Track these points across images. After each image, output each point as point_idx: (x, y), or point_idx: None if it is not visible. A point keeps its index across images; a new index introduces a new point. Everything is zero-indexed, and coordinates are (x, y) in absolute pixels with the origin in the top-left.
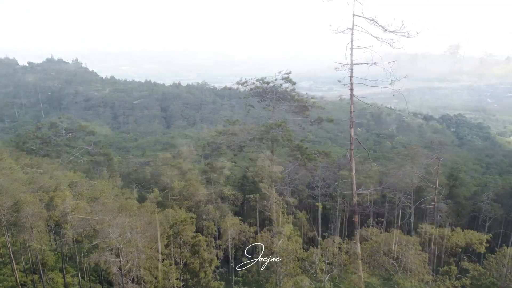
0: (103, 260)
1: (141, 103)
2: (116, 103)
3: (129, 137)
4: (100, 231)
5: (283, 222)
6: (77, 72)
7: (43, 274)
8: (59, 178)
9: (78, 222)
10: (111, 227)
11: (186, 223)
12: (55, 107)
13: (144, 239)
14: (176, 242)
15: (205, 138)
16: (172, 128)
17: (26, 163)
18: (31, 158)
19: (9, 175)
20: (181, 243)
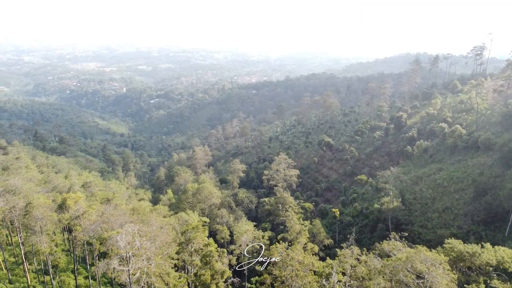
0: (111, 269)
1: (157, 103)
2: (134, 102)
3: (145, 136)
4: (108, 239)
5: (298, 230)
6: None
7: (55, 275)
8: (74, 178)
9: (89, 225)
10: (119, 234)
11: (198, 230)
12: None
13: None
14: (187, 249)
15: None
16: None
17: (42, 162)
18: (47, 157)
19: (24, 174)
20: (192, 251)
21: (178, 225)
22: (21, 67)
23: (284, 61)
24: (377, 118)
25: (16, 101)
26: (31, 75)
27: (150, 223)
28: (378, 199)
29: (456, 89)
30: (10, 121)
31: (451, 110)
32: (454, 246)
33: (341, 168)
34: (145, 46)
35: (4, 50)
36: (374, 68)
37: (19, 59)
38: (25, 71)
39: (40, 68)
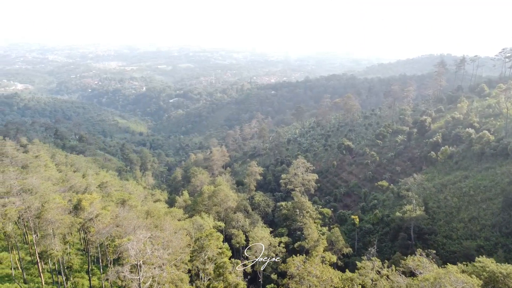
0: (121, 277)
1: (176, 103)
2: (153, 101)
3: (163, 136)
4: (118, 246)
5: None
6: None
7: (70, 276)
8: (91, 177)
9: (102, 228)
10: (130, 242)
11: (211, 238)
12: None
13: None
14: (200, 257)
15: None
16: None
17: (61, 161)
18: (66, 156)
19: (43, 173)
20: (205, 258)
21: (192, 229)
22: (45, 66)
23: (304, 61)
24: (399, 121)
25: (39, 99)
26: (55, 73)
27: (164, 228)
28: (400, 206)
29: (484, 93)
30: (33, 119)
31: (478, 114)
32: (485, 265)
33: (361, 173)
34: (166, 45)
35: (30, 48)
36: (395, 69)
37: (43, 57)
38: (49, 69)
39: (63, 67)
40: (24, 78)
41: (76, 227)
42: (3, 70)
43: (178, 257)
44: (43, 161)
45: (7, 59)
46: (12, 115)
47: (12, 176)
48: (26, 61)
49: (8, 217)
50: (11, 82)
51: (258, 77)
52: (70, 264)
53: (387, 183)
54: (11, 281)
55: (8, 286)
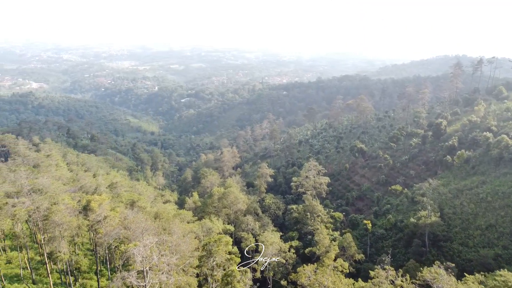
0: (127, 283)
1: (187, 102)
2: (165, 100)
3: (174, 135)
4: (125, 252)
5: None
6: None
7: (79, 276)
8: (101, 177)
9: (110, 231)
10: (136, 248)
11: (219, 244)
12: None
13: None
14: (208, 262)
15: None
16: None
17: (72, 160)
18: (78, 155)
19: (54, 172)
20: (213, 264)
21: (201, 232)
22: (60, 65)
23: (316, 62)
24: (413, 124)
25: (53, 97)
26: (69, 72)
27: (172, 231)
28: (414, 212)
29: (502, 95)
30: (46, 117)
31: (496, 118)
32: (507, 279)
33: (374, 176)
34: (178, 45)
35: (45, 48)
36: (409, 70)
37: (58, 57)
38: (63, 68)
39: (77, 66)
40: (39, 77)
41: (84, 229)
42: (19, 69)
43: (186, 261)
44: (54, 160)
45: (22, 58)
46: (27, 113)
47: (23, 176)
48: (41, 60)
49: (17, 217)
50: (26, 81)
51: (270, 77)
52: (78, 266)
53: (401, 187)
54: (20, 281)
55: (17, 286)
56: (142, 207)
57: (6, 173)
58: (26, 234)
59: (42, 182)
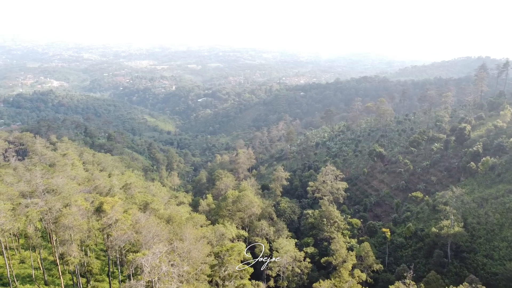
0: None
1: (204, 102)
2: (182, 100)
3: (190, 135)
4: (133, 261)
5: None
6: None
7: (90, 278)
8: (116, 178)
9: (120, 236)
10: (145, 257)
11: (232, 253)
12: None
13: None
14: (220, 272)
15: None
16: None
17: (88, 160)
18: (94, 154)
19: (69, 171)
20: (225, 274)
21: (214, 237)
22: (80, 64)
23: (334, 62)
24: (435, 128)
25: (73, 96)
26: (89, 71)
27: (184, 237)
28: (436, 220)
29: None
30: (66, 115)
31: None
32: None
33: (394, 182)
34: (196, 45)
35: (67, 47)
36: (430, 72)
37: (79, 56)
38: (83, 67)
39: (97, 65)
40: (60, 75)
41: (95, 232)
42: (41, 68)
43: (198, 268)
44: (70, 159)
45: (44, 57)
46: (47, 111)
47: (38, 175)
48: (63, 59)
49: (30, 218)
50: (48, 79)
51: (287, 77)
52: (89, 269)
53: (422, 194)
54: (32, 282)
55: (29, 287)
56: (155, 209)
57: (23, 172)
58: (38, 235)
59: (56, 182)
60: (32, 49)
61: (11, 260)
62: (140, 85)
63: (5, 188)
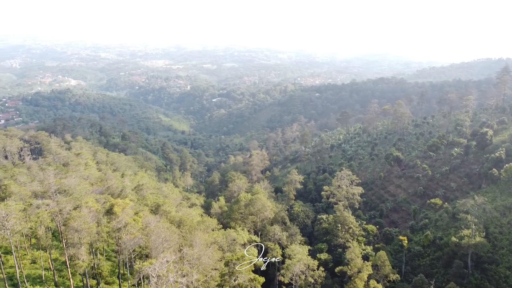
0: None
1: (218, 102)
2: (196, 100)
3: (204, 135)
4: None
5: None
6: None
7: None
8: (128, 179)
9: (129, 240)
10: (151, 266)
11: (242, 262)
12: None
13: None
14: (230, 282)
15: None
16: None
17: (102, 159)
18: (108, 154)
19: (82, 171)
20: (235, 284)
21: (225, 243)
22: (97, 63)
23: (350, 63)
24: (455, 132)
25: (89, 95)
26: (106, 70)
27: (194, 243)
28: (455, 229)
29: None
30: (82, 114)
31: None
32: None
33: (411, 187)
34: (212, 45)
35: (85, 46)
36: (448, 73)
37: (96, 55)
38: (100, 66)
39: (114, 64)
40: (77, 74)
41: (103, 236)
42: (59, 66)
43: (208, 275)
44: (84, 159)
45: (63, 56)
46: (64, 109)
47: (51, 175)
48: (80, 58)
49: (40, 220)
50: (66, 78)
51: (302, 78)
52: (99, 271)
53: (441, 201)
54: (42, 283)
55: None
56: (167, 212)
57: (36, 172)
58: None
59: (68, 182)
60: (51, 48)
61: (23, 260)
62: (155, 85)
63: (18, 188)
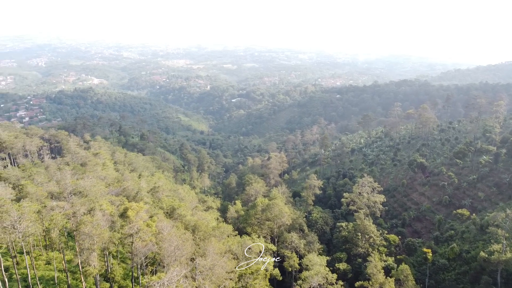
0: None
1: (238, 102)
2: (216, 100)
3: (223, 135)
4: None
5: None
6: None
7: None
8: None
9: (141, 248)
10: (160, 281)
11: (257, 276)
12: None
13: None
14: None
15: None
16: None
17: (120, 159)
18: (126, 154)
19: (99, 172)
20: None
21: (240, 252)
22: (119, 62)
23: (372, 64)
24: (483, 138)
25: (111, 93)
26: (127, 69)
27: (207, 251)
28: (484, 242)
29: None
30: (103, 113)
31: None
32: None
33: (436, 196)
34: (232, 45)
35: (108, 46)
36: (474, 76)
37: (118, 54)
38: (122, 65)
39: (135, 63)
40: (100, 73)
41: (114, 242)
42: (83, 65)
43: (222, 285)
44: (102, 159)
45: (86, 55)
46: (86, 108)
47: (68, 175)
48: (103, 57)
49: (54, 223)
50: (89, 77)
51: (323, 79)
52: (112, 276)
53: (468, 212)
54: (55, 285)
55: None
56: (182, 215)
57: (54, 171)
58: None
59: (84, 183)
60: (76, 48)
61: (37, 260)
62: (175, 84)
63: (34, 188)
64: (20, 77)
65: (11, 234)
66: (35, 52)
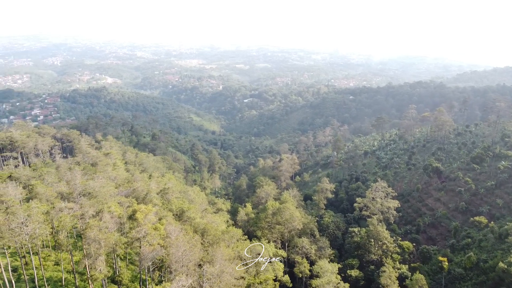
0: None
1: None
2: (228, 100)
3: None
4: None
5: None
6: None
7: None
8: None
9: (148, 253)
10: None
11: (266, 286)
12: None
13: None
14: None
15: None
16: None
17: (131, 160)
18: (137, 154)
19: (110, 172)
20: None
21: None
22: (133, 61)
23: (386, 65)
24: (502, 143)
25: (124, 93)
26: (141, 69)
27: (215, 258)
28: (502, 252)
29: None
30: (116, 112)
31: None
32: None
33: (452, 202)
34: (245, 45)
35: (122, 45)
36: (491, 78)
37: (132, 54)
38: (136, 65)
39: (149, 63)
40: (114, 72)
41: (121, 246)
42: (97, 65)
43: None
44: (112, 159)
45: (101, 54)
46: (99, 107)
47: (78, 176)
48: (117, 57)
49: (62, 225)
50: (103, 76)
51: (336, 80)
52: (119, 279)
53: (486, 220)
54: (63, 287)
55: None
56: (191, 218)
57: (64, 171)
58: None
59: (94, 184)
60: (91, 47)
61: (46, 261)
62: (188, 84)
63: (44, 189)
64: (36, 76)
65: (18, 236)
66: (51, 51)
